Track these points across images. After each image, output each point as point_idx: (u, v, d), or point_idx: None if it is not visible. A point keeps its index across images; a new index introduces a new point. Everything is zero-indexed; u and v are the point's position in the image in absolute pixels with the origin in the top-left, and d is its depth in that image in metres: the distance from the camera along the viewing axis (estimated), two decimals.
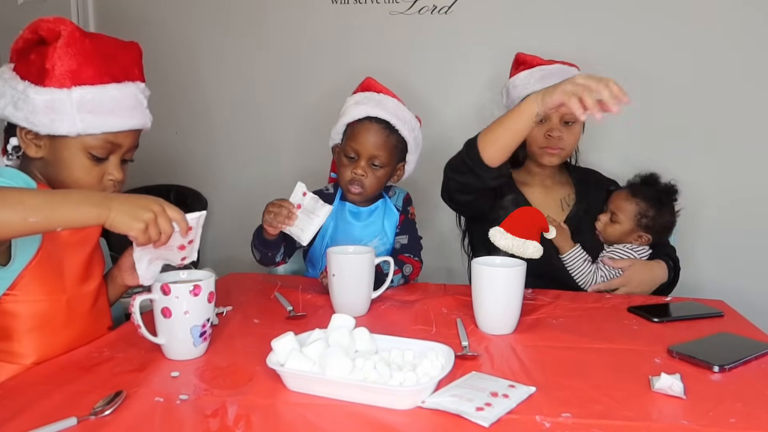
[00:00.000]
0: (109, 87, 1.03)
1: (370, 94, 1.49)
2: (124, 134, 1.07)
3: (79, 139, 1.02)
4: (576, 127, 1.54)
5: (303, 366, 0.87)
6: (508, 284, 1.11)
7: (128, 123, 1.06)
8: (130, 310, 0.95)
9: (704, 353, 1.00)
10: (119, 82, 1.05)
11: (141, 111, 1.09)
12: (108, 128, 1.04)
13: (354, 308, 1.23)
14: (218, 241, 2.50)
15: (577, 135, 1.56)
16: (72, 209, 0.87)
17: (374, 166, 1.47)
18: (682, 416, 0.80)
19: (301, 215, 1.31)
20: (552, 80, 1.36)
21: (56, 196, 0.90)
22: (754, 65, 2.03)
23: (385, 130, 1.46)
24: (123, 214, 0.88)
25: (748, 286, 2.06)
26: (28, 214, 0.84)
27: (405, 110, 1.50)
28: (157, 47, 2.47)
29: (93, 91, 1.01)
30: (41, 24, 1.00)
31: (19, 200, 0.84)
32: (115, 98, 1.04)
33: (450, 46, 2.21)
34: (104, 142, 1.04)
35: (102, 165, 1.06)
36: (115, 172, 1.08)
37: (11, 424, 0.76)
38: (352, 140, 1.46)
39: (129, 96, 1.06)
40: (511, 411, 0.81)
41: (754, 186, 2.07)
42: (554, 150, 1.54)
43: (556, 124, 1.53)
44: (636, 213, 1.49)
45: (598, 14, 2.09)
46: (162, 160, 2.51)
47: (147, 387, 0.88)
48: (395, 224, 1.55)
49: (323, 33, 2.30)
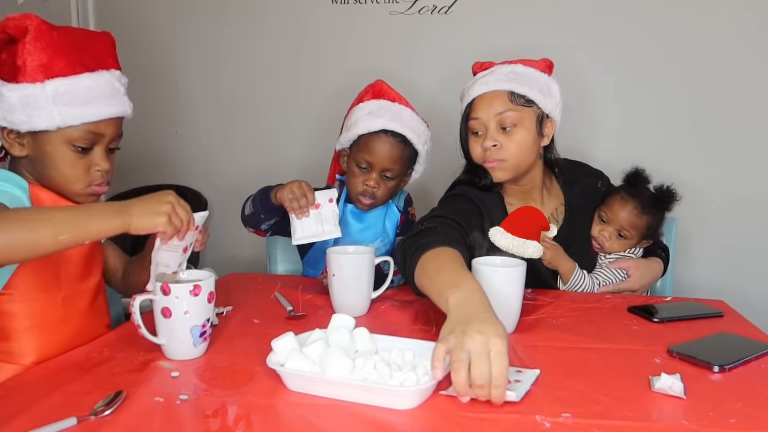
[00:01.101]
0: (82, 77, 1.02)
1: (385, 104, 1.45)
2: (105, 123, 1.06)
3: (60, 133, 1.02)
4: (518, 133, 1.33)
5: (303, 366, 0.86)
6: (508, 284, 1.11)
7: (106, 111, 1.05)
8: (130, 310, 0.95)
9: (704, 353, 0.99)
10: (92, 71, 1.04)
11: (119, 99, 1.08)
12: (86, 118, 1.03)
13: (354, 308, 1.23)
14: (218, 241, 2.50)
15: (522, 142, 1.34)
16: (98, 222, 0.90)
17: (386, 178, 1.47)
18: (682, 416, 0.80)
19: (312, 216, 1.32)
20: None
21: (80, 211, 0.91)
22: (754, 65, 2.02)
23: (400, 144, 1.44)
24: (144, 215, 0.91)
25: (748, 286, 2.06)
26: (58, 232, 0.86)
27: (418, 120, 1.48)
28: (157, 47, 2.48)
29: (66, 83, 1.00)
30: (8, 23, 1.00)
31: (48, 219, 0.86)
32: (90, 88, 1.03)
33: (450, 46, 2.21)
34: (86, 133, 1.04)
35: (87, 156, 1.06)
36: (102, 162, 1.07)
37: (11, 424, 0.76)
38: (365, 152, 1.44)
39: (104, 84, 1.05)
40: (511, 411, 0.81)
41: (755, 185, 2.07)
42: (493, 163, 1.35)
43: (492, 132, 1.34)
44: (647, 227, 1.46)
45: (597, 14, 2.09)
46: (162, 160, 2.51)
47: (147, 387, 0.88)
48: (396, 224, 1.55)
49: (323, 33, 2.30)
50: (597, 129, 2.08)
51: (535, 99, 1.35)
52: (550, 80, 1.40)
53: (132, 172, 2.54)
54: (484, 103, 1.35)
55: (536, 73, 1.37)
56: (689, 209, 2.03)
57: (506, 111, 1.33)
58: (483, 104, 1.35)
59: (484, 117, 1.35)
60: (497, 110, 1.34)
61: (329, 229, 1.33)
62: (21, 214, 0.88)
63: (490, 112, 1.34)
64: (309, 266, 1.58)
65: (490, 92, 1.35)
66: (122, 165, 2.55)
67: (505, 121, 1.33)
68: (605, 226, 1.48)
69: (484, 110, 1.35)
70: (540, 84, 1.36)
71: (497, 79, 1.35)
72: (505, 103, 1.34)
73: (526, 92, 1.34)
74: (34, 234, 0.85)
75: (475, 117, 1.36)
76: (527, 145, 1.35)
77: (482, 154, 1.36)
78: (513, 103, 1.34)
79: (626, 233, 1.46)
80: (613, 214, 1.46)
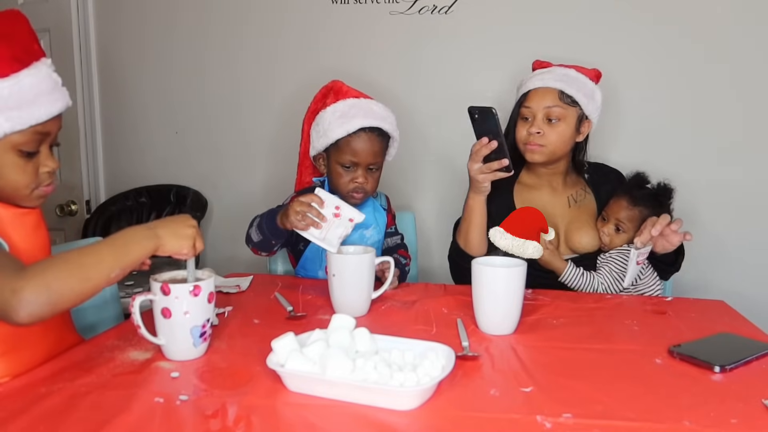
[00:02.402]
0: (21, 75, 0.93)
1: (354, 102, 1.49)
2: (51, 121, 0.98)
3: (6, 140, 0.94)
4: (560, 126, 1.53)
5: (303, 366, 0.86)
6: (509, 284, 1.11)
7: (54, 108, 0.98)
8: (129, 310, 0.95)
9: (705, 353, 0.99)
10: (28, 66, 0.95)
11: (60, 91, 1.00)
12: (36, 119, 0.95)
13: (354, 308, 1.22)
14: (218, 241, 2.50)
15: (562, 134, 1.53)
16: (137, 250, 0.92)
17: (371, 170, 1.50)
18: (682, 416, 0.80)
19: (325, 227, 1.31)
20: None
21: (118, 242, 0.92)
22: (753, 65, 2.02)
23: (378, 138, 1.49)
24: (172, 237, 0.95)
25: (748, 286, 2.06)
26: (109, 270, 0.88)
27: (385, 108, 1.52)
28: (157, 46, 2.48)
29: (8, 84, 0.92)
30: None
31: (97, 261, 0.88)
32: (33, 85, 0.95)
33: (450, 46, 2.21)
34: (33, 135, 0.96)
35: (34, 159, 0.99)
36: (49, 161, 1.01)
37: (11, 424, 0.76)
38: (348, 153, 1.46)
39: (45, 79, 0.97)
40: (511, 411, 0.81)
41: (755, 185, 2.07)
42: (534, 146, 1.54)
43: (538, 121, 1.53)
44: (642, 219, 1.49)
45: (597, 16, 2.08)
46: (162, 160, 2.51)
47: (147, 387, 0.88)
48: (384, 221, 1.59)
49: (323, 33, 2.30)
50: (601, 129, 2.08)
51: (580, 101, 1.54)
52: (595, 87, 1.58)
53: (132, 172, 2.54)
54: (537, 95, 1.54)
55: (585, 79, 1.56)
56: (690, 209, 2.04)
57: (554, 106, 1.52)
58: (536, 96, 1.54)
59: (534, 107, 1.54)
60: (547, 104, 1.53)
61: (332, 238, 1.30)
62: (70, 262, 0.86)
63: (540, 104, 1.53)
64: (303, 269, 1.57)
65: (544, 87, 1.54)
66: (122, 165, 2.57)
67: (552, 114, 1.52)
68: (605, 224, 1.56)
69: (536, 101, 1.54)
70: (587, 89, 1.55)
71: (552, 78, 1.54)
72: (554, 99, 1.52)
73: (573, 94, 1.53)
74: (91, 282, 0.86)
75: (527, 105, 1.55)
76: (565, 138, 1.54)
77: (526, 137, 1.55)
78: (561, 100, 1.52)
79: (623, 226, 1.52)
80: (611, 210, 1.56)
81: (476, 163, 1.43)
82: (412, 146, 2.14)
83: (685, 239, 1.42)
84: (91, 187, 2.56)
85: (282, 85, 2.37)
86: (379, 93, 1.61)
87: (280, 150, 2.39)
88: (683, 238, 1.42)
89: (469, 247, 1.53)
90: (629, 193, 1.53)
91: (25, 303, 0.81)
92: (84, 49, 2.49)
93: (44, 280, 0.83)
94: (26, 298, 0.81)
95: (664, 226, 1.39)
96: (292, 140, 2.40)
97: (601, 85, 1.59)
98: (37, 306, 0.82)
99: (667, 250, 1.46)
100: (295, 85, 2.34)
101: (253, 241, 1.44)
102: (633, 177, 1.58)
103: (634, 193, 1.53)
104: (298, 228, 1.30)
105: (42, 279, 0.83)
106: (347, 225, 1.31)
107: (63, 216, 2.52)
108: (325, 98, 1.55)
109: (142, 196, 2.49)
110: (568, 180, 1.66)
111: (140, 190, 2.50)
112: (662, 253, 1.48)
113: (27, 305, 0.81)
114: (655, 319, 1.24)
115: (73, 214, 2.53)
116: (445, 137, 2.22)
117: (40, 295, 0.82)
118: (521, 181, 1.66)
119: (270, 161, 2.42)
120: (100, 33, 2.52)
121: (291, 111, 2.37)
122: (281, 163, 2.39)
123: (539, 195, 1.63)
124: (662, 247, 1.45)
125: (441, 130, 2.23)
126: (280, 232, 1.37)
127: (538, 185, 1.64)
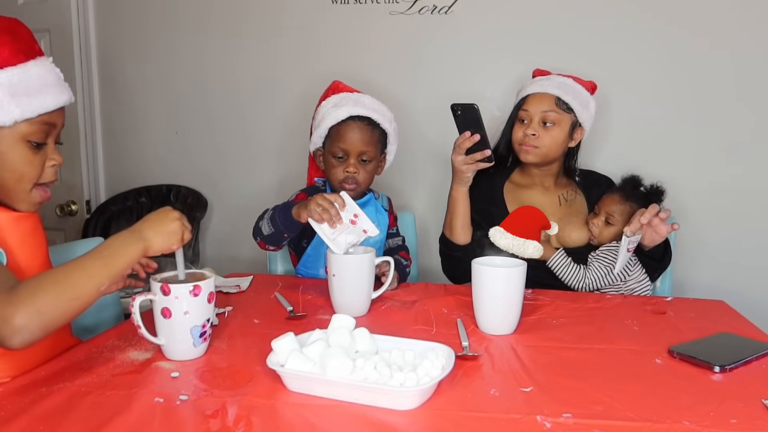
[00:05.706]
0: (28, 65, 0.96)
1: (345, 95, 1.55)
2: (57, 113, 1.00)
3: (15, 128, 0.95)
4: (554, 130, 1.60)
5: (303, 366, 0.86)
6: (509, 284, 1.11)
7: (61, 99, 1.00)
8: (129, 310, 0.95)
9: (705, 353, 0.99)
10: (32, 59, 0.98)
11: (64, 86, 1.02)
12: (44, 108, 0.97)
13: (354, 308, 1.23)
14: (218, 241, 2.50)
15: (556, 137, 1.61)
16: (124, 257, 0.91)
17: (363, 162, 1.52)
18: (683, 416, 0.80)
19: (340, 228, 1.30)
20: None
21: (104, 253, 0.91)
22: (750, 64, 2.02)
23: (368, 126, 1.51)
24: (159, 237, 0.95)
25: (748, 286, 2.06)
26: (99, 284, 0.88)
27: (379, 103, 1.56)
28: (157, 46, 2.48)
29: (18, 72, 0.94)
30: None
31: (86, 276, 0.87)
32: (40, 75, 0.97)
33: (450, 46, 2.21)
34: (41, 125, 0.98)
35: (41, 152, 1.00)
36: (56, 156, 1.02)
37: (11, 424, 0.76)
38: (338, 141, 1.50)
39: (50, 72, 1.00)
40: (511, 411, 0.81)
41: (754, 185, 2.07)
42: (528, 147, 1.61)
43: (534, 124, 1.61)
44: (630, 214, 1.51)
45: (597, 15, 2.08)
46: (162, 160, 2.51)
47: (147, 387, 0.88)
48: (386, 221, 1.60)
49: (323, 33, 2.30)
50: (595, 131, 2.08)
51: (575, 108, 1.61)
52: (590, 98, 1.66)
53: (132, 172, 2.54)
54: (535, 100, 1.62)
55: (581, 89, 1.64)
56: (689, 210, 2.04)
57: (550, 111, 1.60)
58: (534, 101, 1.62)
59: (532, 110, 1.62)
60: (543, 108, 1.60)
61: (338, 242, 1.29)
62: (59, 283, 0.85)
63: (538, 108, 1.61)
64: (304, 268, 1.57)
65: (542, 93, 1.62)
66: (123, 165, 2.56)
67: (548, 118, 1.60)
68: (595, 216, 1.60)
69: (533, 105, 1.62)
70: (582, 98, 1.63)
71: (551, 85, 1.63)
72: (551, 105, 1.60)
73: (569, 101, 1.61)
74: (80, 300, 0.86)
75: (525, 109, 1.63)
76: (558, 142, 1.62)
77: (522, 137, 1.63)
78: (557, 106, 1.60)
79: (613, 219, 1.56)
80: (602, 203, 1.60)
81: (459, 155, 1.49)
82: (411, 146, 2.14)
83: (672, 229, 1.43)
84: (91, 187, 2.56)
85: (282, 85, 2.37)
86: (378, 93, 1.62)
87: (280, 149, 2.39)
88: (671, 229, 1.43)
89: (454, 235, 1.58)
90: (622, 189, 1.59)
91: (17, 330, 0.81)
92: (84, 49, 2.49)
93: (34, 306, 0.82)
94: (17, 326, 0.81)
95: (653, 215, 1.40)
96: (292, 140, 2.40)
97: (601, 85, 1.61)
98: (29, 333, 0.82)
99: (656, 242, 1.47)
100: (294, 85, 2.34)
101: (263, 234, 1.41)
102: (629, 177, 1.61)
103: (627, 189, 1.57)
104: (314, 218, 1.28)
105: (32, 305, 0.82)
106: (360, 234, 1.30)
107: (63, 216, 2.52)
108: (325, 96, 1.59)
109: (143, 196, 2.49)
110: (560, 181, 1.72)
111: (140, 190, 2.49)
112: (651, 248, 1.48)
113: (19, 333, 0.81)
114: (655, 319, 1.25)
115: (73, 214, 2.52)
116: (445, 137, 2.21)
117: (30, 321, 0.81)
118: (513, 181, 1.72)
119: (270, 161, 2.42)
120: (100, 33, 2.52)
121: (291, 111, 2.37)
122: (281, 163, 2.39)
123: (530, 194, 1.67)
124: (651, 239, 1.46)
125: (441, 130, 2.22)
126: (294, 225, 1.35)
127: (530, 184, 1.70)
